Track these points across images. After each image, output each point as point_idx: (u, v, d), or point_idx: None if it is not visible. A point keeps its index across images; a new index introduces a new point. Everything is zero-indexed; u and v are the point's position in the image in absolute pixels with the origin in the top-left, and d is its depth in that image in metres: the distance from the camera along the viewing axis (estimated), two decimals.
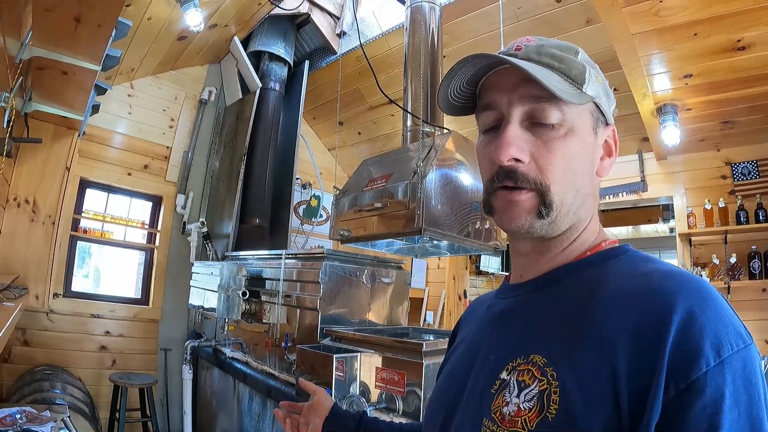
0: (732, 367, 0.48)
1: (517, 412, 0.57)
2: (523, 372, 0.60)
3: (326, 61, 4.90)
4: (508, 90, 0.66)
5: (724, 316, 0.51)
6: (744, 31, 2.77)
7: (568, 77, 0.65)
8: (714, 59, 3.02)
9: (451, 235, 2.22)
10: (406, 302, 3.15)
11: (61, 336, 3.73)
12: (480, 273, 7.18)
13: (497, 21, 3.69)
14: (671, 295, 0.52)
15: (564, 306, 0.63)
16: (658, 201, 4.57)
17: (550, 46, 0.68)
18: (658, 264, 0.61)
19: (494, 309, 0.77)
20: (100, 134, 4.08)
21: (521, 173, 0.64)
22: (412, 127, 2.72)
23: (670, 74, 3.22)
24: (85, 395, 3.38)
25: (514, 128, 0.64)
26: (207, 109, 4.80)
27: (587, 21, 3.43)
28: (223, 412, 3.37)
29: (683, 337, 0.49)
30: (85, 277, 4.28)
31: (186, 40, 4.05)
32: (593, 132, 0.69)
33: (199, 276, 4.01)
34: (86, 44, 1.88)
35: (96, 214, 4.18)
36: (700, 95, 3.40)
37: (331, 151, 6.11)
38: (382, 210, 2.30)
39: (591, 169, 0.69)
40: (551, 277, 0.69)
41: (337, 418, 1.04)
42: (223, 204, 4.36)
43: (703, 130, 3.82)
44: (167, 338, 4.24)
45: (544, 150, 0.64)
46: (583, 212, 0.68)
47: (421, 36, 2.84)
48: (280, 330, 2.90)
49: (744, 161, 3.92)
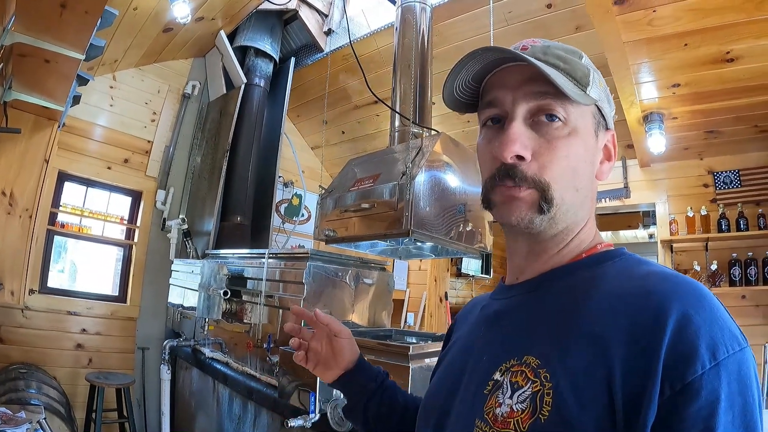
0: (727, 370, 0.48)
1: (510, 413, 0.57)
2: (516, 373, 0.59)
3: (312, 58, 4.85)
4: (513, 88, 0.66)
5: (720, 318, 0.51)
6: (734, 43, 2.81)
7: (574, 78, 0.66)
8: (703, 70, 3.06)
9: (438, 237, 2.19)
10: (390, 304, 3.12)
11: (36, 333, 3.63)
12: (460, 275, 7.18)
13: (486, 24, 3.69)
14: (667, 297, 0.52)
15: (558, 307, 0.63)
16: (638, 207, 4.62)
17: (556, 48, 0.68)
18: (654, 267, 0.61)
19: (489, 310, 0.77)
20: (80, 126, 3.98)
21: (520, 171, 0.64)
22: (400, 128, 2.68)
23: (658, 83, 3.25)
24: (61, 395, 3.28)
25: (518, 125, 0.65)
26: (190, 104, 4.72)
27: (577, 28, 3.44)
28: (202, 413, 3.31)
29: (679, 338, 0.49)
30: (61, 272, 4.17)
31: (171, 32, 3.97)
32: (594, 135, 0.69)
33: (178, 274, 3.94)
34: (71, 32, 1.82)
35: (74, 208, 4.07)
36: (687, 105, 3.44)
37: (314, 150, 6.06)
38: (368, 211, 2.27)
39: (591, 171, 0.69)
40: (546, 278, 0.69)
41: (361, 373, 0.98)
42: (204, 201, 4.28)
43: (688, 138, 3.87)
44: (145, 337, 4.15)
45: (546, 147, 0.64)
46: (581, 213, 0.69)
47: (412, 36, 2.81)
48: (262, 330, 2.85)
49: (726, 170, 3.98)
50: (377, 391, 0.97)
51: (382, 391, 0.97)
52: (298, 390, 2.15)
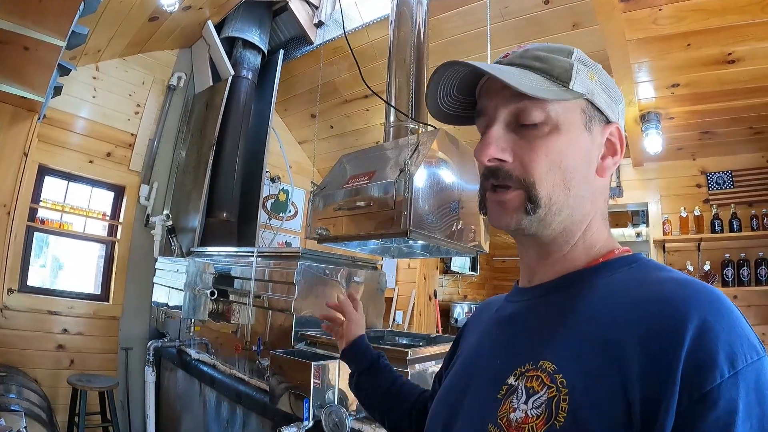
0: (746, 379, 0.47)
1: (525, 418, 0.56)
2: (531, 378, 0.59)
3: (301, 51, 4.74)
4: (495, 94, 0.68)
5: (738, 326, 0.51)
6: (736, 45, 2.81)
7: (551, 76, 0.66)
8: (703, 70, 3.06)
9: (435, 237, 2.12)
10: (382, 304, 3.05)
11: (16, 334, 3.50)
12: (447, 272, 7.13)
13: (481, 19, 3.64)
14: (685, 303, 0.52)
15: (575, 312, 0.62)
16: (627, 207, 4.62)
17: (537, 50, 0.69)
18: (671, 272, 0.61)
19: (503, 312, 0.77)
20: (61, 118, 3.83)
21: (504, 171, 0.65)
22: (395, 123, 2.61)
23: (657, 83, 3.23)
24: (42, 399, 3.15)
25: (496, 129, 0.67)
26: (175, 96, 4.58)
27: (573, 25, 3.39)
28: (188, 416, 3.21)
29: (698, 346, 0.48)
30: (42, 266, 4.03)
31: (157, 21, 3.84)
32: (586, 129, 0.68)
33: (163, 272, 3.82)
34: (52, 17, 1.72)
35: (54, 203, 3.92)
36: (685, 105, 3.44)
37: (302, 144, 5.96)
38: (364, 209, 2.19)
39: (586, 167, 0.68)
40: (562, 282, 0.68)
41: (355, 351, 1.21)
42: (190, 196, 4.16)
43: (682, 139, 3.87)
44: (128, 337, 4.02)
45: (527, 148, 0.65)
46: (578, 213, 0.68)
47: (407, 30, 2.74)
48: (251, 331, 2.76)
49: (719, 171, 3.99)
50: (366, 370, 1.17)
51: (376, 370, 1.17)
52: (289, 393, 2.07)
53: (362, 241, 2.45)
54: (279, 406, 2.12)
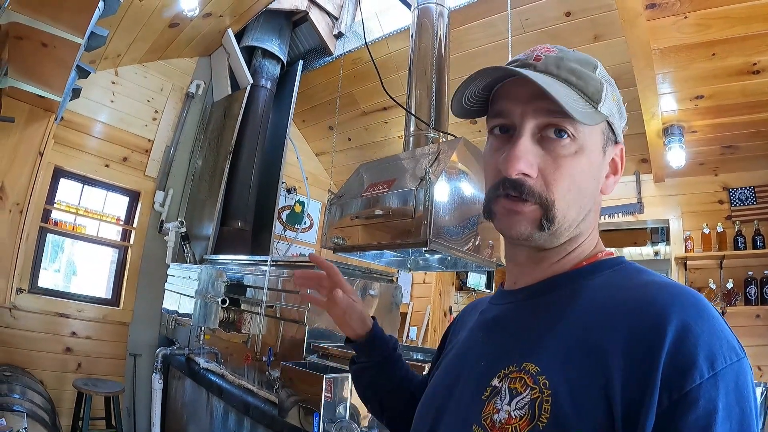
0: (725, 380, 0.48)
1: (508, 419, 0.57)
2: (515, 380, 0.59)
3: (320, 62, 4.75)
4: (523, 101, 0.66)
5: (718, 329, 0.51)
6: (761, 54, 2.74)
7: (585, 94, 0.65)
8: (728, 81, 2.99)
9: (456, 248, 2.06)
10: (397, 318, 2.98)
11: (24, 334, 3.48)
12: (462, 289, 7.03)
13: (502, 31, 3.61)
14: (666, 306, 0.53)
15: (558, 315, 0.63)
16: (646, 224, 4.53)
17: (570, 60, 0.67)
18: (653, 276, 0.62)
19: (488, 314, 0.78)
20: (79, 121, 3.85)
21: (528, 186, 0.64)
22: (415, 132, 2.57)
23: (679, 95, 3.16)
24: (46, 401, 3.12)
25: (525, 142, 0.64)
26: (193, 104, 4.60)
27: (595, 37, 3.35)
28: (194, 426, 3.15)
29: (678, 348, 0.49)
30: (57, 271, 4.02)
31: (177, 27, 3.86)
32: (602, 151, 0.69)
33: (174, 279, 3.79)
34: (70, 12, 1.69)
35: (69, 205, 3.93)
36: (708, 118, 3.36)
37: (319, 156, 5.94)
38: (382, 218, 2.14)
39: (596, 187, 0.69)
40: (546, 285, 0.69)
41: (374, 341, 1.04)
42: (204, 204, 4.15)
43: (704, 153, 3.79)
44: (137, 343, 3.99)
45: (552, 166, 0.64)
46: (584, 226, 0.69)
47: (428, 41, 2.71)
48: (261, 342, 2.70)
49: (741, 187, 3.90)
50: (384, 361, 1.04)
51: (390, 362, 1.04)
52: (299, 407, 2.01)
53: (378, 252, 2.40)
54: (288, 420, 2.06)
